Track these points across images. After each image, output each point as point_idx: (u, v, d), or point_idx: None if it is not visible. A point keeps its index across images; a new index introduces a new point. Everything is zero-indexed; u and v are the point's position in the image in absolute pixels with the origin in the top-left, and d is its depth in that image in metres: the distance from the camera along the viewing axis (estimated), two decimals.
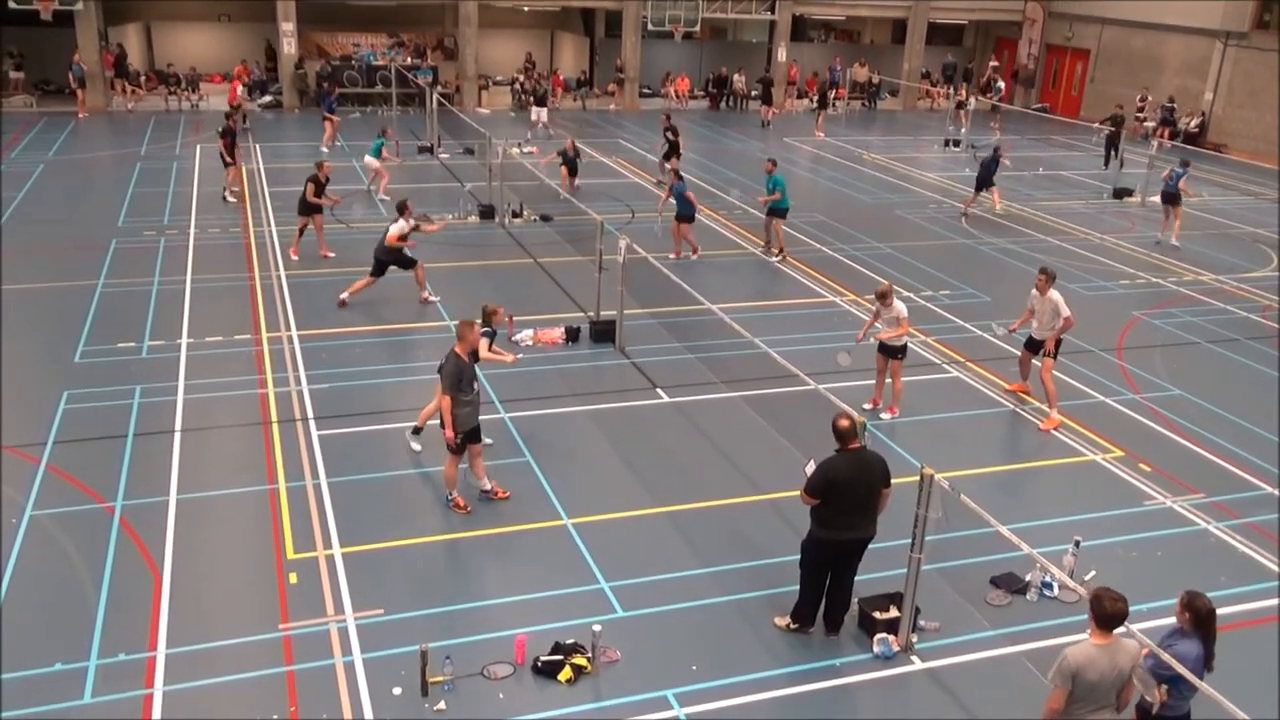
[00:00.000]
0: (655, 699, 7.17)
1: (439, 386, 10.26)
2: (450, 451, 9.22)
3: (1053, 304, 11.60)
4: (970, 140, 30.45)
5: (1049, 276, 11.71)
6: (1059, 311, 11.54)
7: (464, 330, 9.19)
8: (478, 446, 9.47)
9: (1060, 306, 11.54)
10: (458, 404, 8.98)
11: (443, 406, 8.98)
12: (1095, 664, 5.59)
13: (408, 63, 33.01)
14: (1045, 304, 11.67)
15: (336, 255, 16.61)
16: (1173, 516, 9.95)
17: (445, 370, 8.98)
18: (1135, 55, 34.51)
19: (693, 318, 14.13)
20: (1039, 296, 11.75)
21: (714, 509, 9.69)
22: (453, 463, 9.36)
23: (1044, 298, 11.68)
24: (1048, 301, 11.64)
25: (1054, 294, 11.64)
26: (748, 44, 40.75)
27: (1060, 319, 11.53)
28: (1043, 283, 11.69)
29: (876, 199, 23.07)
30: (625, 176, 24.25)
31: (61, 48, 29.58)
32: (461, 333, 9.18)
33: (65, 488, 9.58)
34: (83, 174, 22.41)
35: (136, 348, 12.86)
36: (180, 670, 7.28)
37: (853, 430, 7.42)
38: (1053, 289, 11.67)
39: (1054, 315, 11.59)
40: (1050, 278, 11.71)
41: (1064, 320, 11.53)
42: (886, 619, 7.81)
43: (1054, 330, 11.59)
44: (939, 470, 7.29)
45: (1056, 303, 11.57)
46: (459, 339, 9.14)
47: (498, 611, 8.05)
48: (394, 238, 14.15)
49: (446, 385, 8.94)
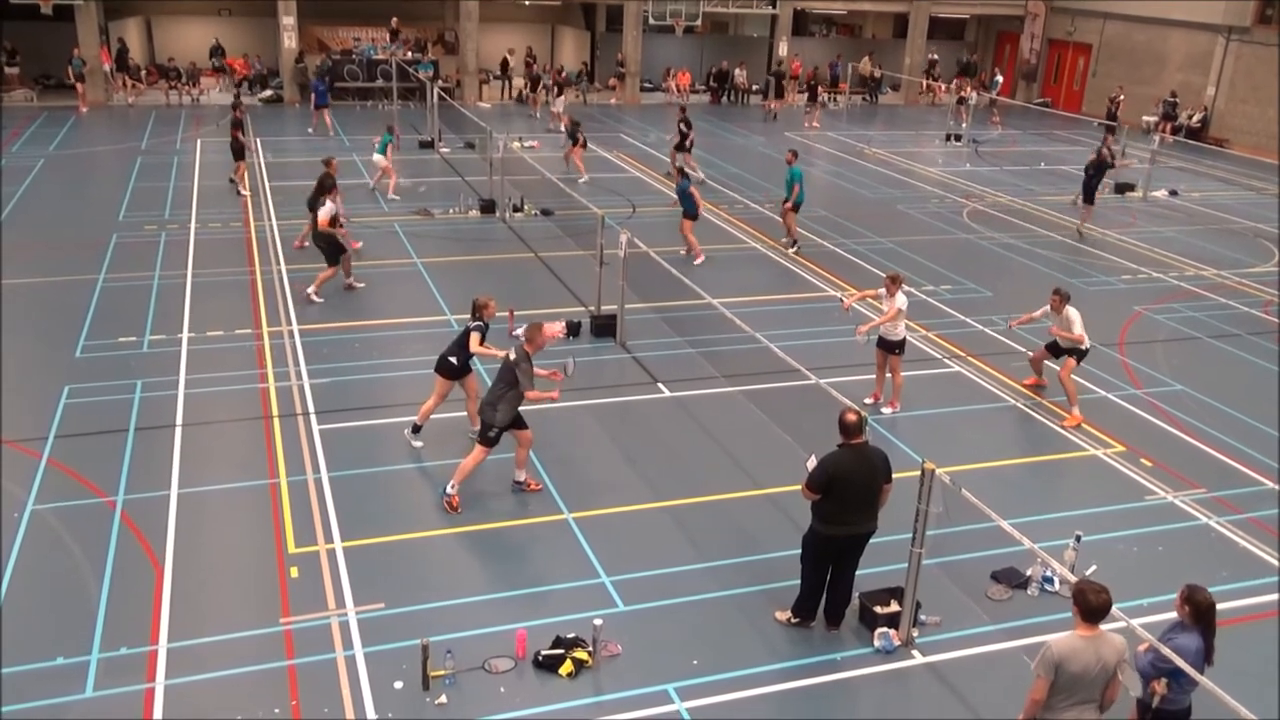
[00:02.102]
0: (656, 693, 7.18)
1: (438, 381, 10.29)
2: (482, 444, 9.25)
3: (1068, 322, 11.65)
4: (971, 135, 30.44)
5: (1062, 298, 11.71)
6: (1073, 328, 11.62)
7: (533, 333, 9.24)
8: (526, 433, 9.49)
9: (1074, 325, 11.60)
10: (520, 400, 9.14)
11: (532, 398, 9.13)
12: (1079, 656, 5.60)
13: (408, 57, 32.96)
14: (1062, 321, 11.72)
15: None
16: (1174, 511, 9.95)
17: (521, 371, 9.03)
18: (1137, 50, 34.45)
19: (694, 312, 14.12)
20: (1054, 314, 11.78)
21: (715, 503, 9.69)
22: (478, 456, 9.30)
23: (1060, 316, 11.72)
24: (1064, 320, 11.69)
25: (1070, 312, 11.67)
26: (749, 39, 40.70)
27: (1073, 335, 11.61)
28: (1056, 303, 11.71)
29: (878, 194, 23.05)
30: (626, 171, 24.23)
31: (61, 42, 29.53)
32: (530, 335, 9.24)
33: (67, 482, 9.59)
34: (83, 169, 22.40)
35: (137, 342, 12.86)
36: (181, 664, 7.28)
37: (860, 425, 7.42)
38: (1069, 307, 11.68)
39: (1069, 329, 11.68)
40: (1064, 299, 11.70)
41: (1075, 336, 11.59)
42: (887, 613, 7.81)
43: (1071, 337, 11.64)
44: (940, 465, 7.29)
45: (1072, 321, 11.63)
46: (528, 341, 9.20)
47: (499, 606, 8.05)
48: (324, 222, 14.15)
49: (527, 384, 9.03)
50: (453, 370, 10.27)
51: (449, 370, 10.27)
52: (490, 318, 10.30)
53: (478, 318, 10.22)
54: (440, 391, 10.35)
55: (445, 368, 10.27)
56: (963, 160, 27.67)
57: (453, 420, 10.83)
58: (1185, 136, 30.57)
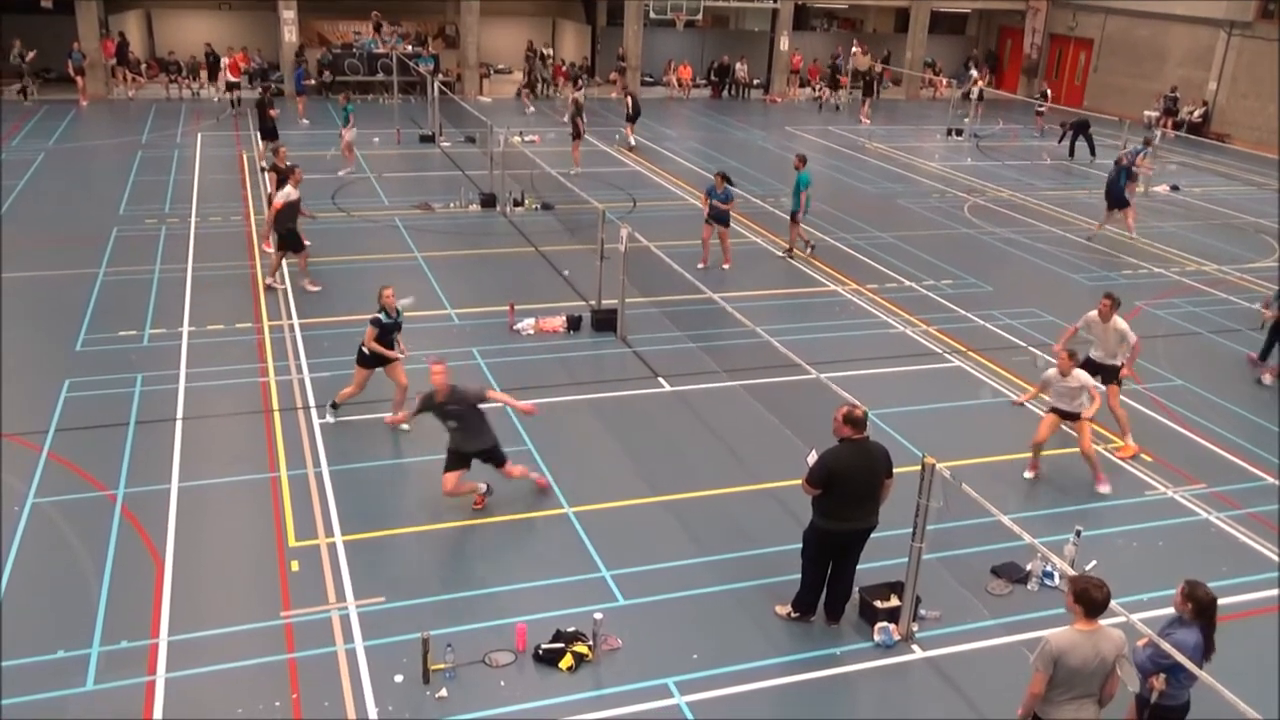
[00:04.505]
0: (656, 687, 7.19)
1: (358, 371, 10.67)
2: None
3: (1119, 331, 10.72)
4: (973, 130, 30.38)
5: (1114, 302, 10.73)
6: (1126, 338, 10.72)
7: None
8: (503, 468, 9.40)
9: (1128, 333, 10.70)
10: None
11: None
12: (1078, 650, 5.60)
13: (409, 51, 32.89)
14: (1109, 331, 10.77)
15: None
16: (1174, 506, 9.95)
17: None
18: (1139, 45, 34.38)
19: (695, 307, 14.11)
20: (1099, 323, 10.83)
21: (715, 498, 9.69)
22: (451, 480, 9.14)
23: (1107, 326, 10.78)
24: (1112, 329, 10.75)
25: (1119, 320, 10.72)
26: (750, 32, 40.61)
27: (1129, 344, 10.75)
28: (1106, 309, 10.72)
29: (879, 188, 23.02)
30: (627, 165, 24.20)
31: (62, 35, 29.47)
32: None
33: (67, 476, 9.59)
34: (84, 162, 22.36)
35: (138, 336, 12.86)
36: (182, 657, 7.29)
37: (864, 420, 7.42)
38: (1117, 314, 10.76)
39: (1120, 341, 10.76)
40: (1115, 304, 10.75)
41: (1133, 345, 10.77)
42: (887, 608, 7.81)
43: (1123, 357, 10.80)
44: (940, 460, 7.29)
45: (1124, 330, 10.70)
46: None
47: (499, 599, 8.06)
48: (279, 205, 14.23)
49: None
50: (364, 360, 10.64)
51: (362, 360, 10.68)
52: (390, 306, 10.46)
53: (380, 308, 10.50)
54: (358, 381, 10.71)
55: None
56: (964, 155, 27.63)
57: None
58: (1186, 132, 30.51)
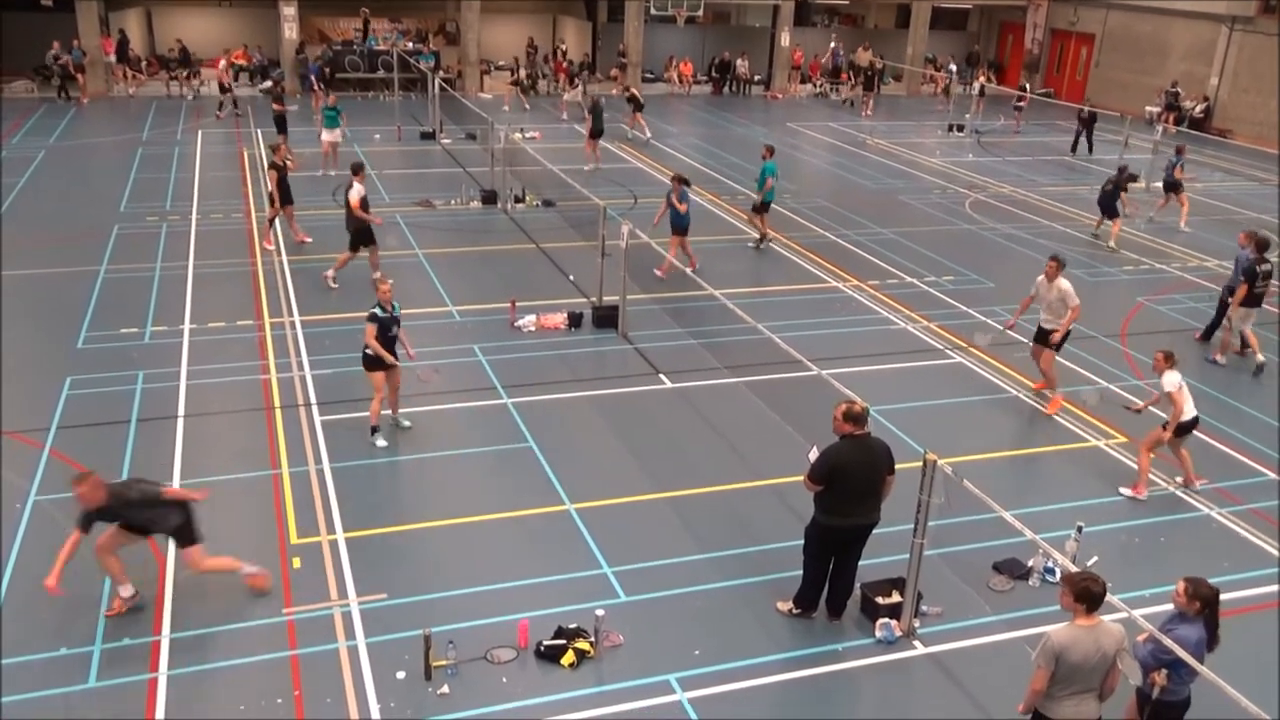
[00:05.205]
0: (658, 683, 7.19)
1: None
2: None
3: (1061, 291, 11.48)
4: (974, 126, 30.33)
5: (1059, 264, 11.58)
6: (1067, 301, 11.45)
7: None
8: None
9: (1069, 295, 11.44)
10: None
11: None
12: (1079, 645, 5.61)
13: (409, 47, 32.86)
14: (1053, 291, 11.54)
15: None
16: (1175, 502, 9.95)
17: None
18: (1141, 40, 34.33)
19: (695, 303, 14.10)
20: (1046, 284, 11.61)
21: (717, 494, 9.69)
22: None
23: (1052, 285, 11.55)
24: (1055, 289, 11.52)
25: (1063, 282, 11.51)
26: (751, 29, 40.55)
27: (1069, 308, 11.45)
28: (1052, 269, 11.53)
29: (880, 184, 23.00)
30: (628, 162, 24.18)
31: (62, 33, 29.44)
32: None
33: (69, 473, 9.54)
34: (84, 160, 22.36)
35: (139, 333, 12.86)
36: (184, 654, 7.30)
37: (864, 415, 7.42)
38: (1062, 277, 11.55)
39: (1062, 304, 11.50)
40: (1060, 265, 11.58)
41: (1071, 310, 11.44)
42: (889, 604, 7.81)
43: (1063, 321, 11.49)
44: (942, 456, 7.29)
45: (1066, 291, 11.46)
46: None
47: (501, 596, 8.06)
48: (356, 202, 14.27)
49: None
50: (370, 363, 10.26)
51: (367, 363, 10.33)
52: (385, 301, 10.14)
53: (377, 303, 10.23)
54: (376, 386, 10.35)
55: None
56: (965, 151, 27.60)
57: (447, 411, 10.83)
58: (1188, 127, 30.46)
